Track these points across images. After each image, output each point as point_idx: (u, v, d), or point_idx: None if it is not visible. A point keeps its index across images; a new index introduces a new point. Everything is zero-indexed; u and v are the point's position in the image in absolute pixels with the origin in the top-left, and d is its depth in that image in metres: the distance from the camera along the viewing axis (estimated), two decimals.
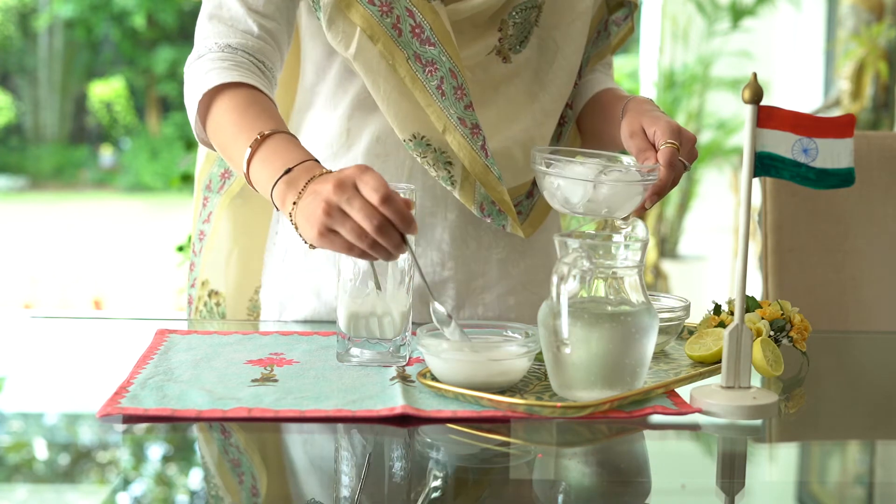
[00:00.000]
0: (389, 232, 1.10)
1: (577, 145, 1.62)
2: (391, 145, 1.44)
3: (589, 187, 1.26)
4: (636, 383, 1.12)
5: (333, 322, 1.48)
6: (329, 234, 1.12)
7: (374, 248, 1.12)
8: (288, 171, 1.19)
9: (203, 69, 1.34)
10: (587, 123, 1.57)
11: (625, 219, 1.24)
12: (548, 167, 1.29)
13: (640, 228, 1.19)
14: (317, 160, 1.21)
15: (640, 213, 1.28)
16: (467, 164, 1.40)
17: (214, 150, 1.39)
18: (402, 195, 1.15)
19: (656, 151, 1.30)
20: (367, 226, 1.09)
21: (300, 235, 1.17)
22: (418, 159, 1.41)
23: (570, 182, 1.27)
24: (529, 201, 1.51)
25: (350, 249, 1.13)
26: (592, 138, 1.56)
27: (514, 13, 1.44)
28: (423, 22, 1.36)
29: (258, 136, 1.24)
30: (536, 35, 1.47)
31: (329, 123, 1.47)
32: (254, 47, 1.36)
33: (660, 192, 1.27)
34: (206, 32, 1.38)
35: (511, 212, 1.45)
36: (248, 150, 1.25)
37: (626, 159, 1.34)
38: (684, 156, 1.31)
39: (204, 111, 1.34)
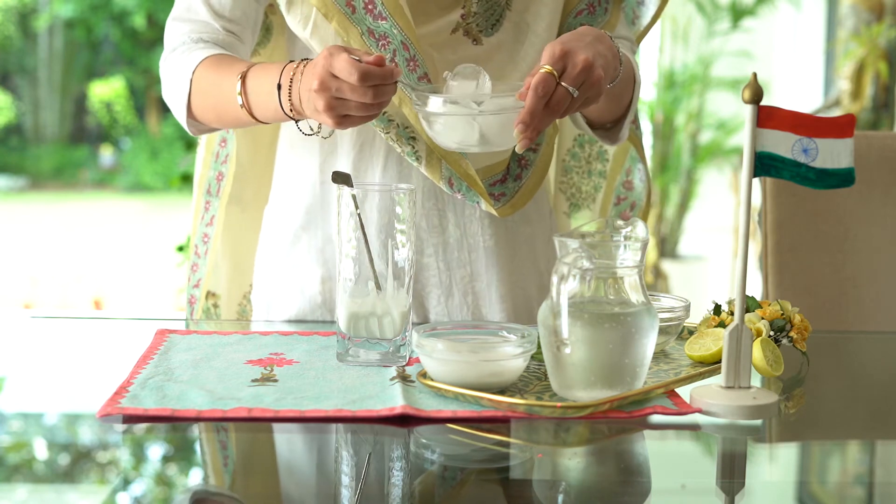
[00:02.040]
0: (384, 91, 1.24)
1: (566, 128, 1.66)
2: (367, 134, 1.47)
3: (468, 121, 1.27)
4: (636, 383, 1.12)
5: (322, 321, 1.49)
6: (345, 120, 1.26)
7: (383, 106, 1.26)
8: (279, 86, 1.31)
9: (181, 57, 1.43)
10: None
11: (623, 217, 1.23)
12: (420, 102, 1.30)
13: (640, 228, 1.19)
14: (292, 61, 1.33)
15: (525, 144, 1.22)
16: (424, 136, 1.41)
17: (201, 129, 1.48)
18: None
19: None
20: (366, 100, 1.23)
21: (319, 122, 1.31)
22: (383, 135, 1.43)
23: (447, 118, 1.28)
24: (517, 184, 1.51)
25: (369, 118, 1.27)
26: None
27: None
28: None
29: (240, 74, 1.36)
30: (510, 19, 1.47)
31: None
32: (224, 41, 1.45)
33: (526, 121, 1.21)
34: (177, 31, 1.47)
35: (477, 186, 1.44)
36: (238, 82, 1.35)
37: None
38: (570, 81, 1.22)
39: (188, 92, 1.42)
